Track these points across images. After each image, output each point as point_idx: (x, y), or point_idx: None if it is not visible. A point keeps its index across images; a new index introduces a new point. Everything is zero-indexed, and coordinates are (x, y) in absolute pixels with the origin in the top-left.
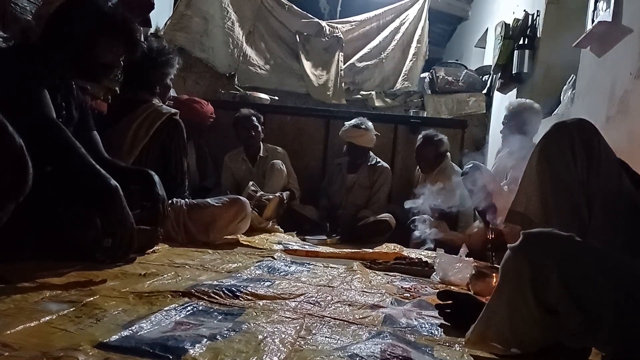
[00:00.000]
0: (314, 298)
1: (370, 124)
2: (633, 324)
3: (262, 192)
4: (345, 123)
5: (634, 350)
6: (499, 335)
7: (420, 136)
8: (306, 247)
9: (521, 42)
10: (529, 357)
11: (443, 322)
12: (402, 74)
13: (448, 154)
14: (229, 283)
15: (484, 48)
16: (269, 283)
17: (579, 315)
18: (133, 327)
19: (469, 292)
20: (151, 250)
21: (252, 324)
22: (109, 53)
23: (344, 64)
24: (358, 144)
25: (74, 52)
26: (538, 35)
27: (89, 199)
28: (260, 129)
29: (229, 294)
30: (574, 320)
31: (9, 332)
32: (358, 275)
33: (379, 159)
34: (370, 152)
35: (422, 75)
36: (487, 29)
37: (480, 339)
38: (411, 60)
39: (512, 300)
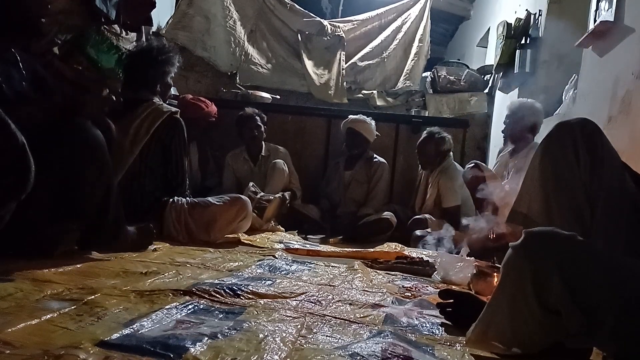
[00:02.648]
0: (315, 297)
1: (373, 121)
2: (635, 326)
3: (262, 194)
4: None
5: (636, 352)
6: (500, 335)
7: (424, 132)
8: (307, 246)
9: (523, 41)
10: (530, 357)
11: (444, 321)
12: (403, 73)
13: (451, 153)
14: (230, 282)
15: (486, 47)
16: (270, 282)
17: (581, 316)
18: (134, 326)
19: (470, 292)
20: (152, 248)
21: (253, 323)
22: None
23: (345, 63)
24: (358, 129)
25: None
26: (540, 35)
27: None
28: (263, 128)
29: (230, 292)
30: (575, 321)
31: (10, 330)
32: (359, 275)
33: (375, 155)
34: (369, 150)
35: (424, 74)
36: (489, 29)
37: (481, 338)
38: (413, 60)
39: (513, 300)
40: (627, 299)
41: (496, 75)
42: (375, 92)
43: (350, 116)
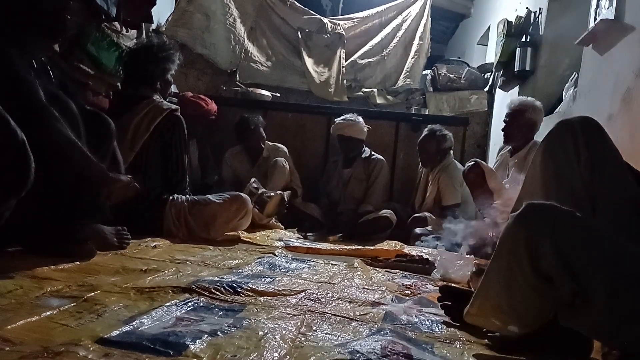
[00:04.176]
0: (314, 295)
1: (359, 117)
2: (627, 306)
3: (263, 190)
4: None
5: (628, 334)
6: (497, 306)
7: (425, 130)
8: (307, 244)
9: (523, 39)
10: (529, 353)
11: (444, 319)
12: (404, 71)
13: (451, 151)
14: (230, 279)
15: (486, 45)
16: (269, 279)
17: (572, 283)
18: (134, 323)
19: (471, 289)
20: (152, 245)
21: (252, 320)
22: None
23: (345, 61)
24: (347, 134)
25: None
26: (540, 33)
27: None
28: (263, 134)
29: (230, 290)
30: (567, 288)
31: (9, 327)
32: (359, 272)
33: (373, 152)
34: (366, 147)
35: (424, 72)
36: (489, 27)
37: (479, 311)
38: (413, 58)
39: (508, 266)
40: (621, 278)
41: (496, 73)
42: (375, 90)
43: (336, 121)
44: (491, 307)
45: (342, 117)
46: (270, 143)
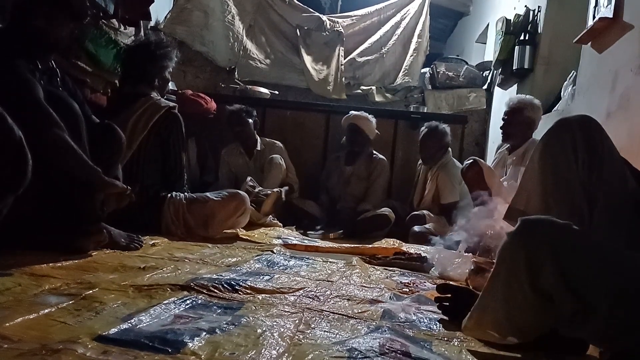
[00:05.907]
0: (313, 292)
1: (374, 119)
2: (628, 316)
3: (260, 188)
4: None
5: (629, 343)
6: (495, 321)
7: (423, 127)
8: (305, 241)
9: (522, 37)
10: (526, 351)
11: (441, 316)
12: (402, 69)
13: (449, 148)
14: (229, 277)
15: (485, 43)
16: (268, 277)
17: (573, 300)
18: (132, 320)
19: (468, 287)
20: (151, 243)
21: (251, 318)
22: (56, 26)
23: (344, 59)
24: (359, 125)
25: (26, 29)
26: (539, 31)
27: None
28: (250, 122)
29: (228, 287)
30: (568, 305)
31: (8, 324)
32: (357, 270)
33: (375, 152)
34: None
35: (423, 70)
36: (488, 25)
37: (477, 325)
38: (412, 55)
39: (507, 285)
40: (622, 288)
41: (495, 72)
42: (374, 87)
43: (352, 112)
44: (489, 320)
45: (360, 112)
46: (267, 139)
